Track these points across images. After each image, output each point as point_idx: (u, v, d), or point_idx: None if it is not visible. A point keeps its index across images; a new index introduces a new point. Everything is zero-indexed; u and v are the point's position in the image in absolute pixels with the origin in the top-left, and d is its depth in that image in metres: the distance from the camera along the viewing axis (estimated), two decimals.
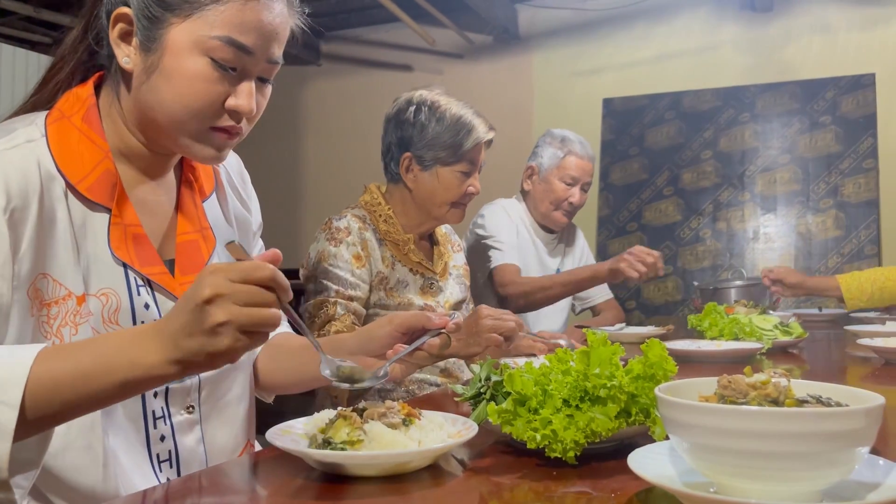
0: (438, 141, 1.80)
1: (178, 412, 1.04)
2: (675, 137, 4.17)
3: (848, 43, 3.90)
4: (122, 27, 0.96)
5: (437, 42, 4.51)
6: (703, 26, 4.15)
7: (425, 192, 1.84)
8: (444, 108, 1.82)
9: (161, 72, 0.95)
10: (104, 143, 0.98)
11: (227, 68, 0.95)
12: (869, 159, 3.77)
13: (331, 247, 1.74)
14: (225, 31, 0.94)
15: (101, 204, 0.96)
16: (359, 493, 0.81)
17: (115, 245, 0.97)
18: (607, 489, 0.80)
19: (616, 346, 0.93)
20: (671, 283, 4.05)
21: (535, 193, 2.72)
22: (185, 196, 1.09)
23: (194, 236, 1.07)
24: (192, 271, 1.04)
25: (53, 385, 0.78)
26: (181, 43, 0.94)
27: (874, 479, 0.71)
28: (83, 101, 0.99)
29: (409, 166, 1.84)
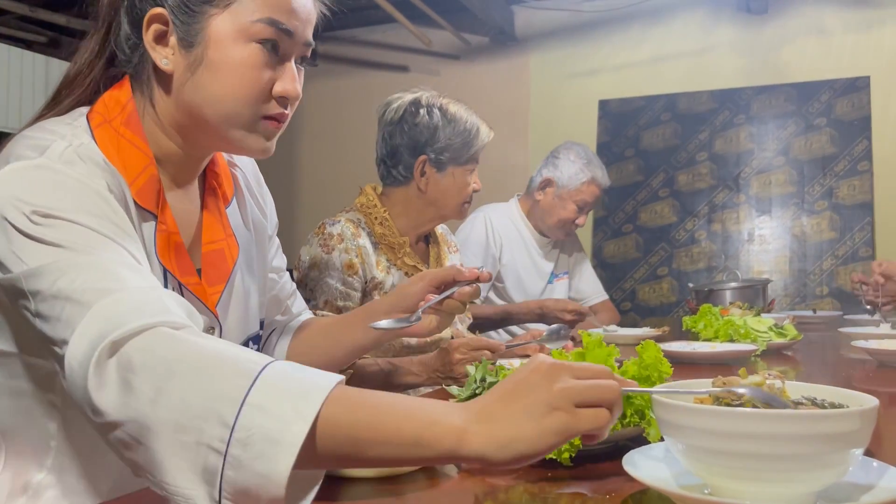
0: (453, 143, 1.85)
1: None
2: (670, 139, 4.18)
3: (843, 45, 3.91)
4: (158, 28, 0.94)
5: (434, 43, 4.51)
6: (699, 28, 4.16)
7: (439, 192, 1.86)
8: (453, 111, 1.87)
9: (207, 65, 0.93)
10: (148, 149, 0.96)
11: (272, 50, 0.95)
12: (863, 162, 3.78)
13: (323, 254, 1.73)
14: (266, 13, 0.94)
15: (149, 210, 0.94)
16: (353, 494, 0.81)
17: (161, 252, 0.94)
18: (602, 490, 0.80)
19: (612, 347, 0.93)
20: (666, 284, 4.05)
21: (544, 205, 2.71)
22: (210, 203, 1.07)
23: (220, 245, 1.05)
24: (218, 282, 1.02)
25: (350, 412, 0.66)
26: (224, 33, 0.93)
27: (868, 480, 0.71)
28: (123, 105, 0.96)
29: (424, 169, 1.85)
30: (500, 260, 2.66)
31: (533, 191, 2.75)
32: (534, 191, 2.74)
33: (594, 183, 2.68)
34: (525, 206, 2.79)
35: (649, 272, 4.10)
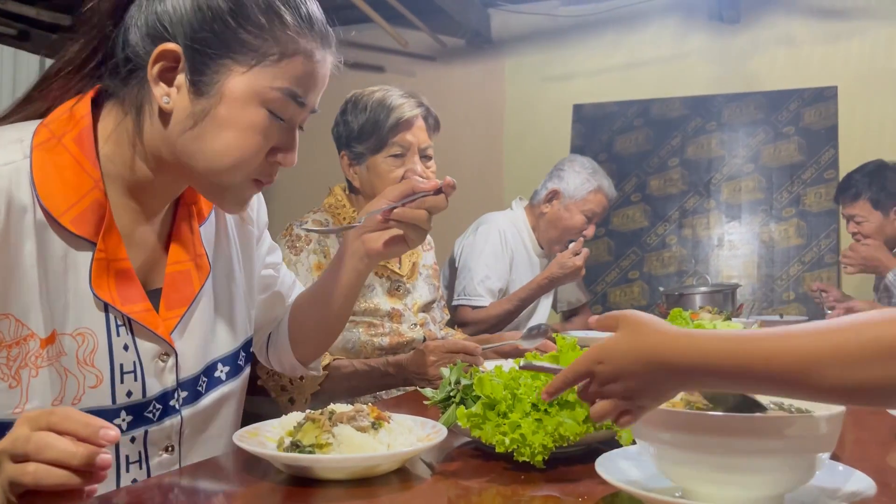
0: (364, 130, 1.75)
1: (156, 454, 0.99)
2: (643, 144, 4.23)
3: (812, 56, 3.98)
4: (163, 65, 0.90)
5: (410, 44, 4.50)
6: (673, 36, 4.21)
7: (368, 187, 1.79)
8: (367, 96, 1.77)
9: (214, 119, 0.90)
10: (95, 171, 0.91)
11: (279, 119, 0.93)
12: (830, 170, 3.86)
13: (291, 255, 1.71)
14: (287, 84, 0.92)
15: (86, 238, 0.90)
16: (327, 496, 0.81)
17: (96, 283, 0.90)
18: (574, 493, 0.81)
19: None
20: (637, 288, 4.09)
21: (550, 216, 2.69)
22: (183, 224, 1.04)
23: (186, 266, 1.02)
24: (179, 305, 1.00)
25: None
26: (240, 92, 0.90)
27: (834, 484, 0.73)
28: (77, 120, 0.91)
29: (349, 164, 1.81)
30: (510, 276, 2.66)
31: (538, 204, 2.73)
32: (539, 204, 2.72)
33: (601, 192, 2.67)
34: (531, 219, 2.77)
35: (621, 276, 4.14)
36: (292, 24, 0.92)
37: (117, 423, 0.92)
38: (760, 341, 0.63)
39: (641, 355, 0.68)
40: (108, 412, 0.92)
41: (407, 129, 1.75)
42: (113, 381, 0.92)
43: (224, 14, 0.90)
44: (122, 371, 0.93)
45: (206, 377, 1.05)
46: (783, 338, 0.63)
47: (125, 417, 0.94)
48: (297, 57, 0.92)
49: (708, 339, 0.65)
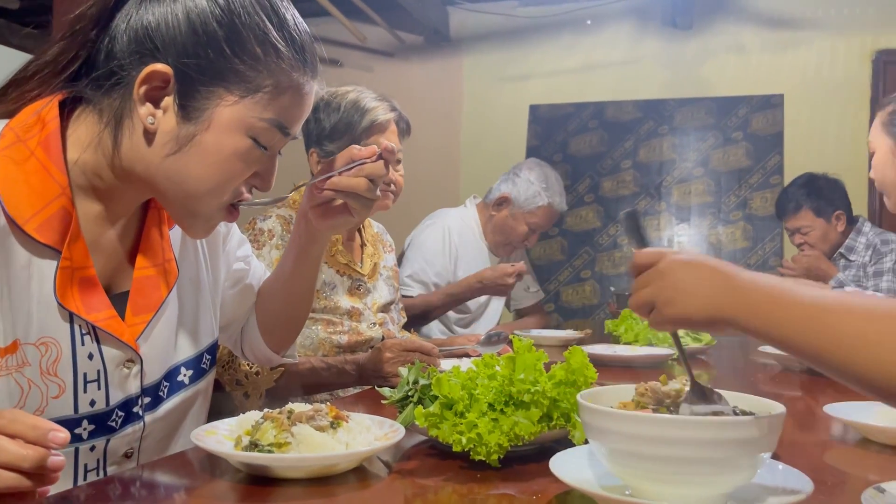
0: (336, 130, 1.76)
1: (114, 459, 0.97)
2: (597, 146, 4.30)
3: (760, 63, 4.10)
4: (154, 85, 0.87)
5: (368, 39, 4.49)
6: (627, 40, 4.28)
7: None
8: (341, 96, 1.78)
9: (199, 145, 0.88)
10: (62, 177, 0.88)
11: (263, 148, 0.92)
12: (775, 175, 3.98)
13: (253, 249, 1.71)
14: (275, 115, 0.91)
15: (51, 246, 0.88)
16: (285, 495, 0.81)
17: (61, 292, 0.88)
18: (529, 491, 0.83)
19: (540, 352, 0.96)
20: (589, 287, 4.17)
21: (497, 221, 2.71)
22: (151, 227, 1.02)
23: (154, 270, 1.00)
24: (146, 311, 0.98)
25: None
26: (228, 121, 0.89)
27: (774, 482, 0.76)
28: (44, 124, 0.89)
29: (318, 162, 1.81)
30: (455, 273, 2.66)
31: (490, 204, 2.75)
32: (490, 205, 2.75)
33: (550, 208, 2.69)
34: (483, 216, 2.79)
35: (573, 275, 4.20)
36: (287, 56, 0.91)
37: (78, 433, 0.91)
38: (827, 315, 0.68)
39: (705, 268, 0.74)
40: (69, 422, 0.90)
41: (380, 132, 1.77)
42: (76, 390, 0.91)
43: (220, 41, 0.87)
44: (86, 380, 0.92)
45: (167, 382, 1.04)
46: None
47: (87, 427, 0.93)
48: (288, 90, 0.92)
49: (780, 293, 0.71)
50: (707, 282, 0.73)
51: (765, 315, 0.70)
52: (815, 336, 0.67)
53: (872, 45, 3.92)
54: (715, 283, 0.73)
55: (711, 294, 0.73)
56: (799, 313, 0.69)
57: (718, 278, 0.73)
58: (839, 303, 0.68)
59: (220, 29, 0.87)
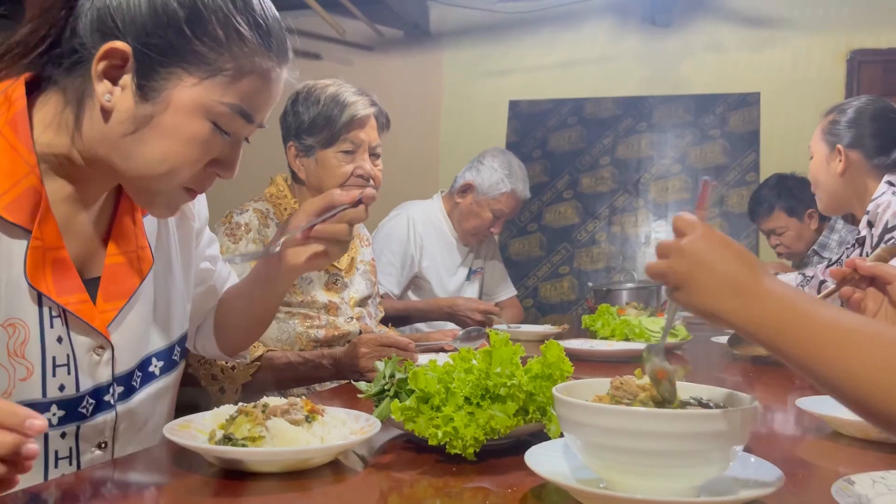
0: (315, 124, 1.75)
1: (88, 450, 0.96)
2: (576, 142, 4.31)
3: (738, 62, 4.14)
4: (108, 63, 0.86)
5: (347, 33, 4.47)
6: (607, 37, 4.30)
7: (314, 180, 1.79)
8: (320, 90, 1.76)
9: (156, 126, 0.87)
10: (31, 156, 0.88)
11: (224, 134, 0.91)
12: (751, 173, 4.03)
13: (230, 243, 1.69)
14: (237, 100, 0.90)
15: (21, 225, 0.86)
16: (259, 489, 0.81)
17: (31, 272, 0.87)
18: (504, 485, 0.83)
19: (517, 346, 0.96)
20: (567, 282, 4.18)
21: (462, 208, 2.73)
22: (124, 213, 1.01)
23: (127, 258, 0.99)
24: (118, 298, 0.97)
25: None
26: (187, 103, 0.87)
27: (746, 475, 0.77)
28: (12, 102, 0.88)
29: (296, 156, 1.80)
30: (420, 262, 2.67)
31: (454, 192, 2.77)
32: (455, 192, 2.77)
33: (513, 195, 2.71)
34: (447, 206, 2.81)
35: (551, 271, 4.22)
36: (251, 40, 0.90)
37: (47, 418, 0.90)
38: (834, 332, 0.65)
39: (725, 259, 0.71)
40: (38, 406, 0.89)
41: (360, 127, 1.76)
42: (44, 374, 0.90)
43: (180, 21, 0.86)
44: (55, 364, 0.91)
45: (140, 372, 1.03)
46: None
47: (56, 412, 0.92)
48: (251, 75, 0.90)
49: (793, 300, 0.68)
50: (723, 281, 0.70)
51: (785, 332, 0.67)
52: (836, 364, 0.64)
53: (847, 45, 3.97)
54: (732, 284, 0.69)
55: (723, 295, 0.70)
56: (822, 337, 0.65)
57: (738, 278, 0.69)
58: (863, 330, 0.65)
59: (181, 10, 0.87)
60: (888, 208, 1.74)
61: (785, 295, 0.68)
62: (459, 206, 2.74)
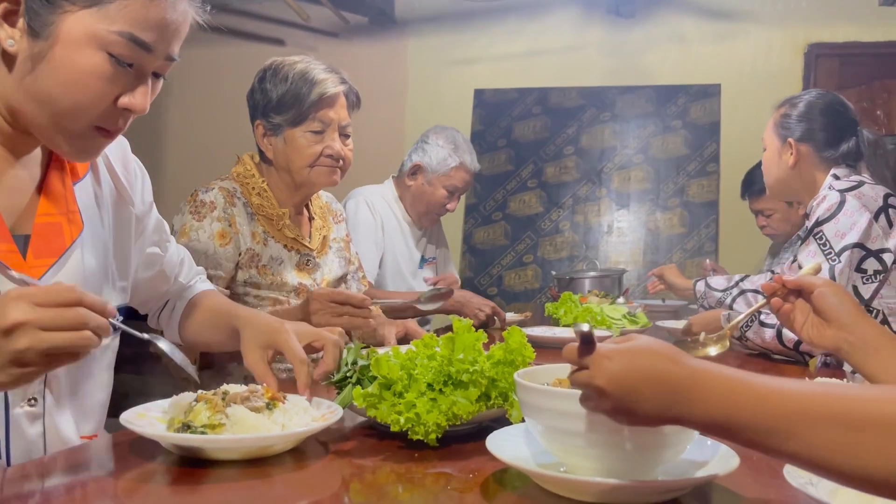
0: (283, 102, 1.69)
1: (17, 404, 0.95)
2: (540, 132, 4.33)
3: (699, 54, 4.19)
4: (6, 6, 0.86)
5: (312, 19, 4.41)
6: (571, 27, 4.32)
7: (282, 159, 1.74)
8: (288, 66, 1.71)
9: (50, 62, 0.86)
10: None
11: (124, 65, 0.89)
12: (712, 163, 4.09)
13: (194, 221, 1.65)
14: (126, 27, 0.87)
15: None
16: (219, 476, 0.80)
17: None
18: (466, 470, 0.84)
19: (480, 333, 0.97)
20: (531, 271, 4.21)
21: (414, 191, 2.72)
22: (53, 176, 1.00)
23: (57, 219, 0.98)
24: (50, 255, 0.96)
25: None
26: (76, 34, 0.86)
27: (703, 457, 0.79)
28: None
29: (264, 135, 1.75)
30: (384, 240, 2.66)
31: (404, 176, 2.76)
32: (405, 176, 2.76)
33: (462, 168, 2.71)
34: (398, 190, 2.80)
35: (516, 259, 4.24)
36: None
37: None
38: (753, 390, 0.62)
39: (643, 372, 0.66)
40: None
41: (329, 105, 1.71)
42: None
43: None
44: None
45: None
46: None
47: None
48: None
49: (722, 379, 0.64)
50: (655, 397, 0.65)
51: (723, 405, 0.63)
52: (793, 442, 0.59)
53: (805, 39, 4.05)
54: (663, 394, 0.65)
55: (661, 406, 0.65)
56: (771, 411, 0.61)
57: (665, 389, 0.65)
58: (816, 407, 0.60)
59: None
60: (822, 202, 1.78)
61: (720, 372, 0.65)
62: (411, 189, 2.73)
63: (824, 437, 0.58)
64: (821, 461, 0.59)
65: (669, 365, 0.66)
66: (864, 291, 1.72)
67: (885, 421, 0.57)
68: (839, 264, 1.71)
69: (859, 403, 0.59)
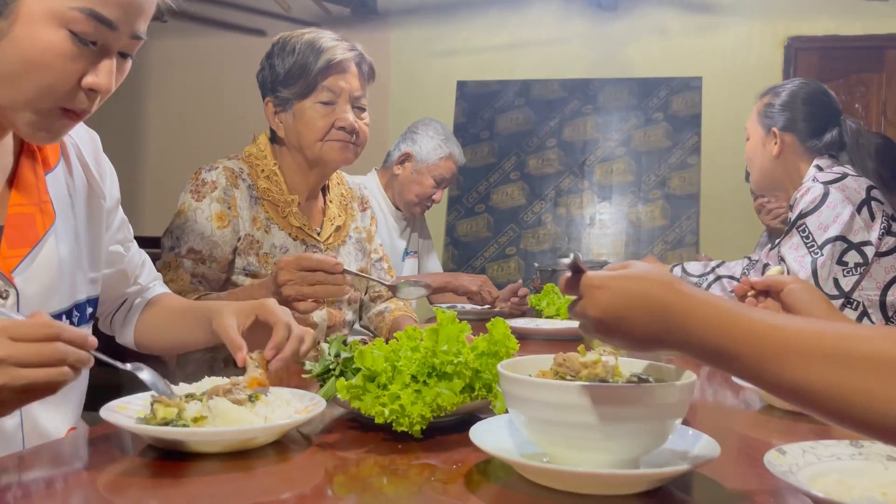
0: (291, 73, 1.60)
1: None
2: (523, 124, 4.33)
3: (681, 47, 4.21)
4: None
5: (293, 9, 4.38)
6: (554, 19, 4.32)
7: (293, 136, 1.63)
8: (296, 38, 1.62)
9: (11, 40, 0.85)
10: None
11: (86, 43, 0.87)
12: (693, 156, 4.11)
13: (193, 200, 1.56)
14: (87, 3, 0.86)
15: None
16: (201, 470, 0.80)
17: None
18: (450, 461, 0.84)
19: (463, 324, 0.96)
20: (514, 263, 4.22)
21: (402, 179, 2.71)
22: (25, 166, 0.98)
23: (29, 209, 0.97)
24: (24, 245, 0.95)
25: None
26: (36, 11, 0.85)
27: (684, 446, 0.79)
28: None
29: (274, 112, 1.65)
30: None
31: (391, 165, 2.76)
32: (392, 165, 2.75)
33: (451, 159, 2.73)
34: (383, 180, 2.79)
35: (498, 251, 4.25)
36: None
37: None
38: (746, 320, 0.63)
39: (639, 294, 0.67)
40: None
41: (338, 72, 1.60)
42: None
43: None
44: None
45: None
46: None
47: None
48: None
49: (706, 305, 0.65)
50: (649, 321, 0.67)
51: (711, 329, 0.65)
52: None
53: (785, 32, 4.08)
54: (656, 319, 0.67)
55: (655, 330, 0.67)
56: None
57: (659, 315, 0.66)
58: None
59: None
60: (806, 194, 1.79)
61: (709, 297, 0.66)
62: (399, 178, 2.72)
63: (814, 373, 0.59)
64: (808, 396, 0.60)
65: (663, 290, 0.67)
66: (845, 284, 1.73)
67: (873, 361, 0.58)
68: (821, 257, 1.72)
69: (850, 343, 0.59)
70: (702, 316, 0.65)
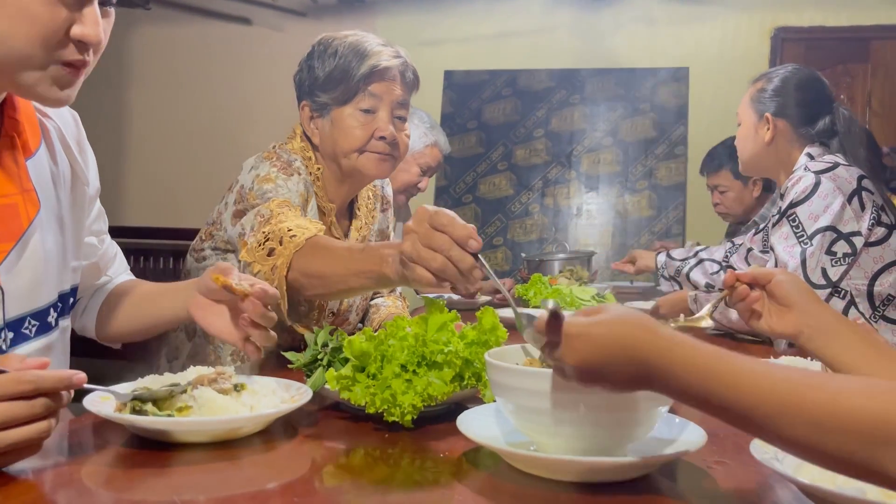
0: (331, 77, 1.50)
1: None
2: (510, 114, 4.33)
3: (668, 37, 4.22)
4: None
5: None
6: (541, 8, 4.31)
7: (328, 144, 1.53)
8: (339, 41, 1.53)
9: None
10: None
11: None
12: (680, 146, 4.12)
13: (281, 174, 1.45)
14: None
15: None
16: (187, 459, 0.79)
17: None
18: (438, 450, 0.84)
19: (453, 313, 0.96)
20: (501, 253, 4.22)
21: None
22: (5, 154, 0.96)
23: (13, 199, 0.95)
24: (8, 239, 0.93)
25: None
26: None
27: (671, 435, 0.80)
28: None
29: (310, 117, 1.56)
30: None
31: None
32: None
33: (437, 147, 2.72)
34: None
35: (486, 242, 4.25)
36: None
37: None
38: (732, 367, 0.62)
39: (618, 343, 0.66)
40: None
41: (381, 79, 1.51)
42: None
43: None
44: None
45: (35, 321, 0.99)
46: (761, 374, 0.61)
47: None
48: None
49: (690, 348, 0.64)
50: (630, 366, 0.66)
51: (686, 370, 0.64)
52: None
53: (772, 23, 4.09)
54: (638, 363, 0.65)
55: (637, 375, 0.66)
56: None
57: (641, 358, 0.65)
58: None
59: None
60: (798, 183, 1.78)
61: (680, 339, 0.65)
62: None
63: (799, 431, 0.59)
64: (790, 449, 0.62)
65: (642, 333, 0.66)
66: (833, 274, 1.74)
67: (853, 424, 0.57)
68: (811, 247, 1.73)
69: (830, 403, 0.58)
70: (686, 362, 0.64)
